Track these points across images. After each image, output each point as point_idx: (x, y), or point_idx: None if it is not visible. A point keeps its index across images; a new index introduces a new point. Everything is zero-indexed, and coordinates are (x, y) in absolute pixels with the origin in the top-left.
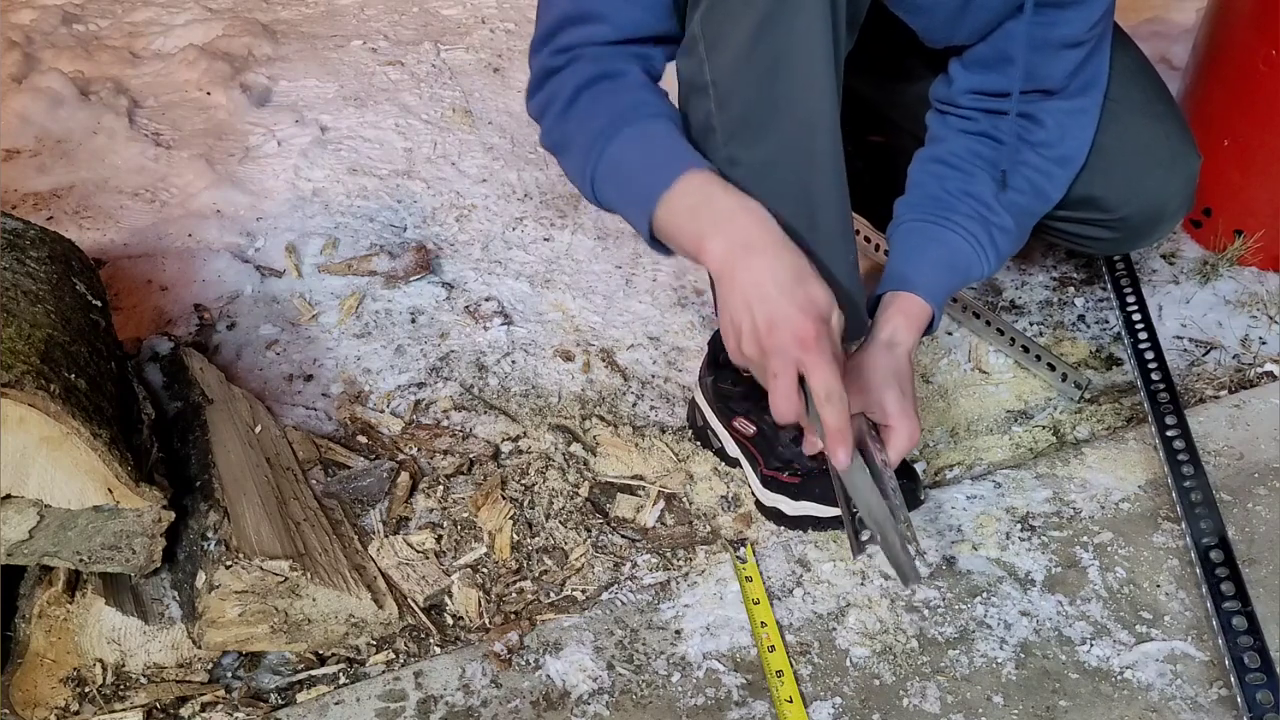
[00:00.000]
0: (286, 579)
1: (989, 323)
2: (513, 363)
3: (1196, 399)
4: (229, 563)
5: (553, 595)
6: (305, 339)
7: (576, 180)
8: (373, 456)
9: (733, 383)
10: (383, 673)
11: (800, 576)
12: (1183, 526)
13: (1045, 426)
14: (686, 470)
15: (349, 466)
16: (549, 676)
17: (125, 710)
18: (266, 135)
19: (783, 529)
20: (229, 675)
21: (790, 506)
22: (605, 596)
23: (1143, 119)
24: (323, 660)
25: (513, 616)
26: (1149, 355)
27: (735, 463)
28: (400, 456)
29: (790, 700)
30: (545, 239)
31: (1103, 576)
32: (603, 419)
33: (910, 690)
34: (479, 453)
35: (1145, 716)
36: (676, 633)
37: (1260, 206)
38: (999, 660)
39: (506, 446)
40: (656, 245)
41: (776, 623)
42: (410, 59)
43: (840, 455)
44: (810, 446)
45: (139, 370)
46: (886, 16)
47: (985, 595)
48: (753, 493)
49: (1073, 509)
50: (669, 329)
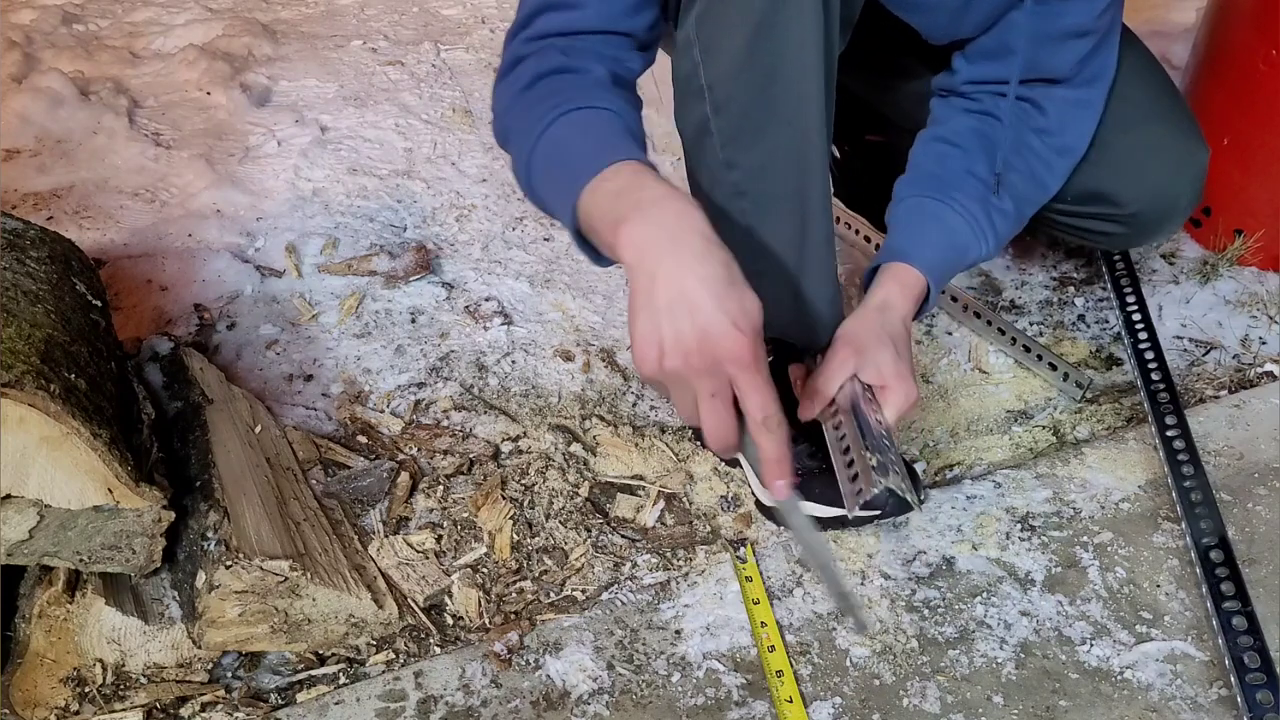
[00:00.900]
0: (286, 579)
1: (989, 322)
2: (513, 363)
3: (1196, 399)
4: (229, 563)
5: (553, 595)
6: (305, 339)
7: (517, 172)
8: (373, 456)
9: None
10: (383, 673)
11: (800, 576)
12: (1183, 526)
13: (1045, 426)
14: (686, 470)
15: (349, 466)
16: (549, 676)
17: (125, 710)
18: (266, 135)
19: (783, 529)
20: (229, 675)
21: None
22: (605, 596)
23: (1152, 115)
24: (323, 660)
25: (513, 616)
26: (1149, 355)
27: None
28: (400, 456)
29: (790, 700)
30: (545, 239)
31: (1103, 576)
32: (603, 419)
33: (910, 690)
34: (479, 453)
35: (1145, 716)
36: (676, 633)
37: (1260, 206)
38: (999, 660)
39: (506, 446)
40: (584, 245)
41: (776, 623)
42: (410, 59)
43: (779, 487)
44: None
45: (139, 370)
46: (882, 16)
47: (985, 595)
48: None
49: (1073, 509)
50: None
